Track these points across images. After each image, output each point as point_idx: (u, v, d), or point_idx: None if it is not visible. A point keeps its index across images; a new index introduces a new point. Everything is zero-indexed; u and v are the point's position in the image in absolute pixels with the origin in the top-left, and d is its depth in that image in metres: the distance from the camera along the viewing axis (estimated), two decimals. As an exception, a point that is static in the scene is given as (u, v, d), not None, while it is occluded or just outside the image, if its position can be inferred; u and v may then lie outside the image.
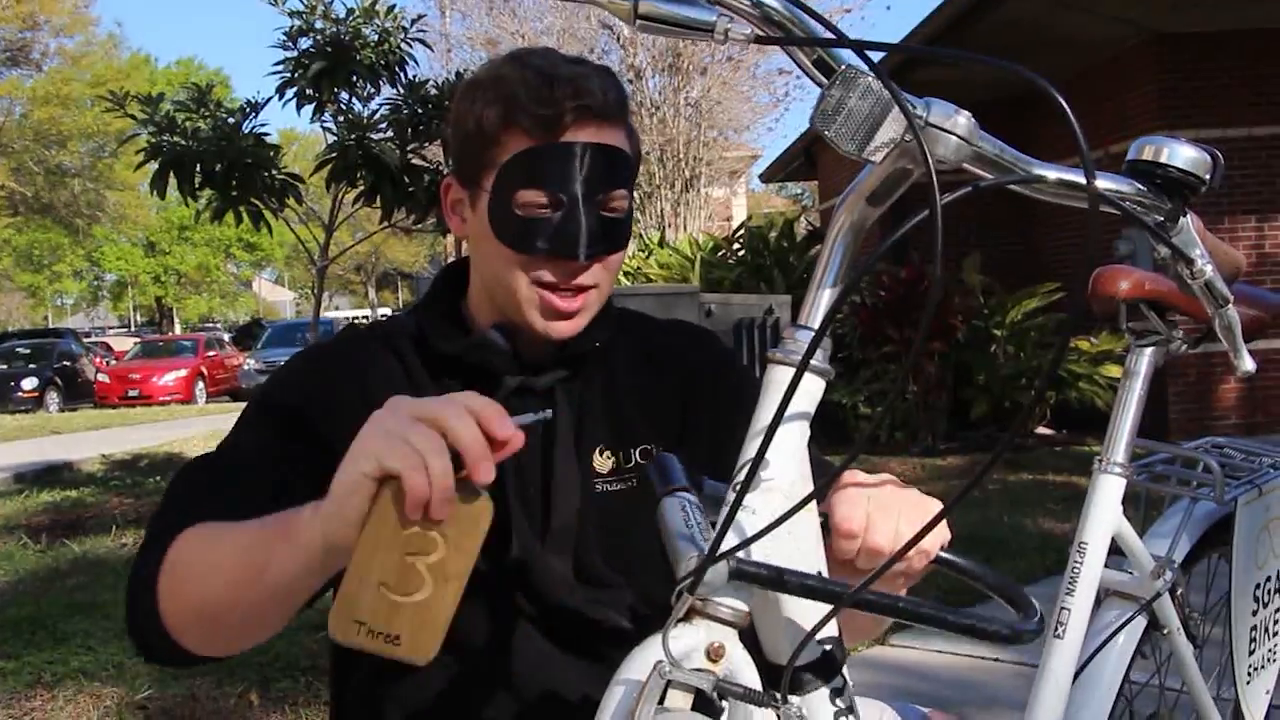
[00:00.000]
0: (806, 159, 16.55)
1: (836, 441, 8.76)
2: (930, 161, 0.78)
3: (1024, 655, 3.56)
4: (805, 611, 0.97)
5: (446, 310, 1.31)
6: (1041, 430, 9.55)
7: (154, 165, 5.57)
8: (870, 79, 0.83)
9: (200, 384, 22.54)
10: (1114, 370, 8.68)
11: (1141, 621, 1.52)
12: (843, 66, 0.83)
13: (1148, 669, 1.67)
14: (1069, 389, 8.88)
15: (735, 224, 16.74)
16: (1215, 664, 1.80)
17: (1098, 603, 1.53)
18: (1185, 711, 1.72)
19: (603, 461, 1.30)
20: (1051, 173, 0.91)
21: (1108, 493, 1.44)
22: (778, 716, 0.90)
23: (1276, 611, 1.73)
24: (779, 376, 0.92)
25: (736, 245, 12.02)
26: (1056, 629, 1.42)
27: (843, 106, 0.84)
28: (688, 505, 1.00)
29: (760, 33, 0.81)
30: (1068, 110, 0.77)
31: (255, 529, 1.01)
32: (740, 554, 0.87)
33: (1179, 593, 1.54)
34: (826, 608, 0.91)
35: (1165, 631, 1.54)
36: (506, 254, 1.20)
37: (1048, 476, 7.33)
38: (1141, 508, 1.63)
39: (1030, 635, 0.90)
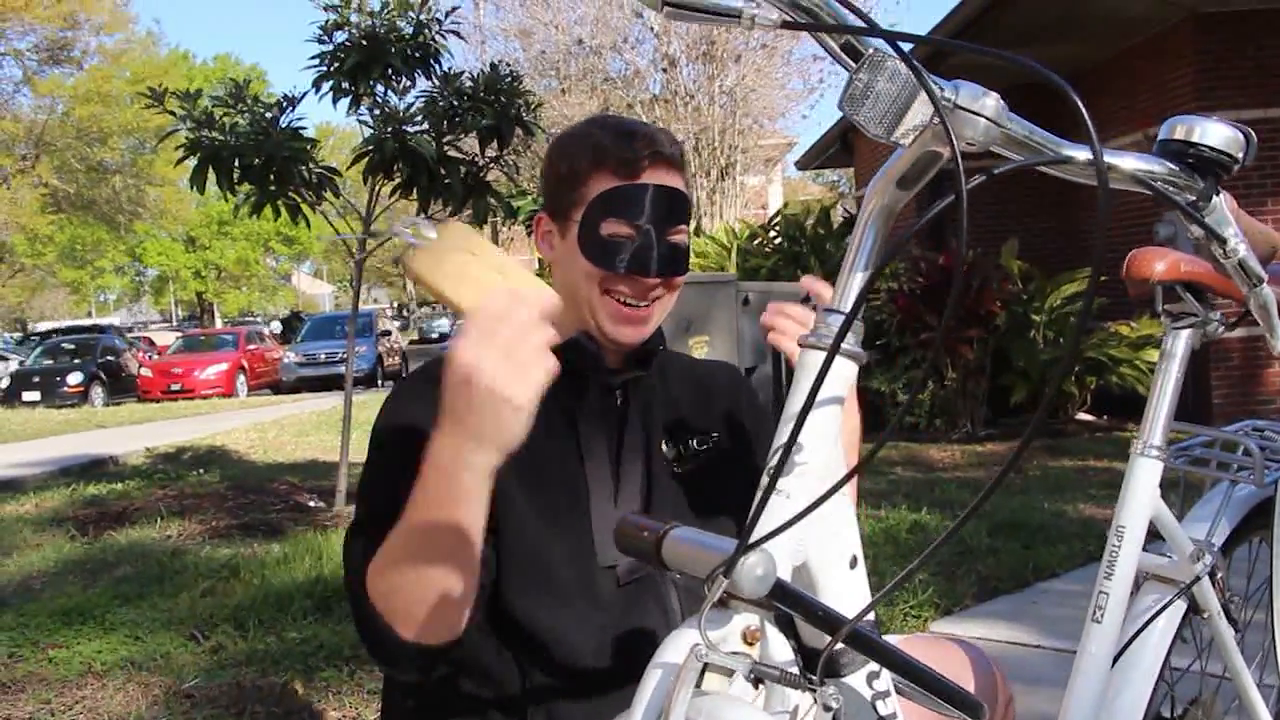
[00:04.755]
0: (843, 145, 16.47)
1: (874, 429, 8.71)
2: (955, 143, 0.79)
3: (1066, 641, 3.54)
4: (840, 598, 0.98)
5: None
6: (1082, 415, 9.48)
7: (193, 161, 5.63)
8: (897, 63, 0.83)
9: (242, 377, 22.76)
10: (1154, 355, 8.57)
11: (1181, 605, 1.51)
12: (870, 51, 0.84)
13: (1188, 654, 1.66)
14: (1109, 374, 8.81)
15: (771, 212, 16.68)
16: (1258, 649, 1.79)
17: (1136, 587, 1.52)
18: (1227, 698, 1.70)
19: (668, 450, 1.52)
20: (1080, 153, 0.91)
21: (1145, 476, 1.44)
22: (813, 700, 0.90)
23: (1319, 595, 1.71)
24: (811, 360, 0.93)
25: (773, 233, 11.99)
26: (1095, 613, 1.42)
27: (870, 90, 0.84)
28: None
29: (788, 18, 0.81)
30: (1075, 96, 0.77)
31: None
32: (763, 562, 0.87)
33: (1219, 576, 1.53)
34: (862, 588, 0.92)
35: (1205, 615, 1.53)
36: (592, 271, 1.44)
37: (1088, 462, 7.28)
38: (1180, 491, 1.62)
39: (983, 714, 0.92)
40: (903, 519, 5.30)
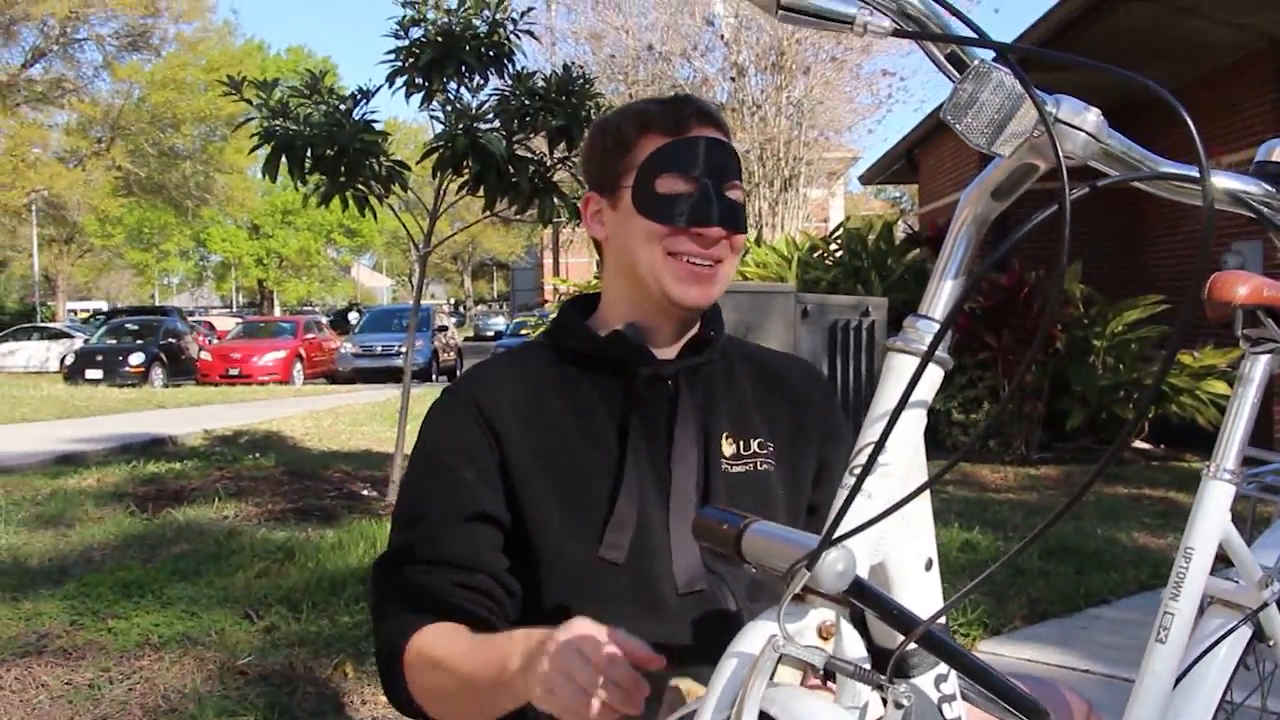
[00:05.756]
0: (908, 162, 16.39)
1: (928, 446, 8.64)
2: (1060, 155, 0.80)
3: (1116, 668, 3.51)
4: (915, 599, 0.99)
5: (576, 325, 1.51)
6: (1140, 444, 9.37)
7: (266, 149, 5.71)
8: (1004, 74, 0.84)
9: (298, 365, 23.02)
10: (1216, 386, 8.48)
11: (1246, 632, 1.50)
12: (976, 61, 0.85)
13: (1250, 682, 1.65)
14: (1169, 404, 8.69)
15: (831, 225, 16.63)
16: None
17: (1201, 611, 1.51)
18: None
19: (728, 445, 1.46)
20: (1181, 170, 0.92)
21: (1216, 499, 1.43)
22: (884, 698, 0.92)
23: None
24: (899, 364, 0.94)
25: (834, 246, 11.95)
26: (1159, 634, 1.41)
27: (975, 100, 0.85)
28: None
29: (898, 26, 0.83)
30: (1185, 114, 0.78)
31: (477, 665, 1.26)
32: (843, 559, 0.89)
33: (1287, 604, 1.52)
34: (936, 591, 0.93)
35: (1271, 644, 1.52)
36: (652, 230, 1.41)
37: (1144, 491, 7.19)
38: (1250, 518, 1.61)
39: None
40: (954, 538, 5.28)
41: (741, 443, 1.47)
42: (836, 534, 0.88)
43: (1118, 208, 10.87)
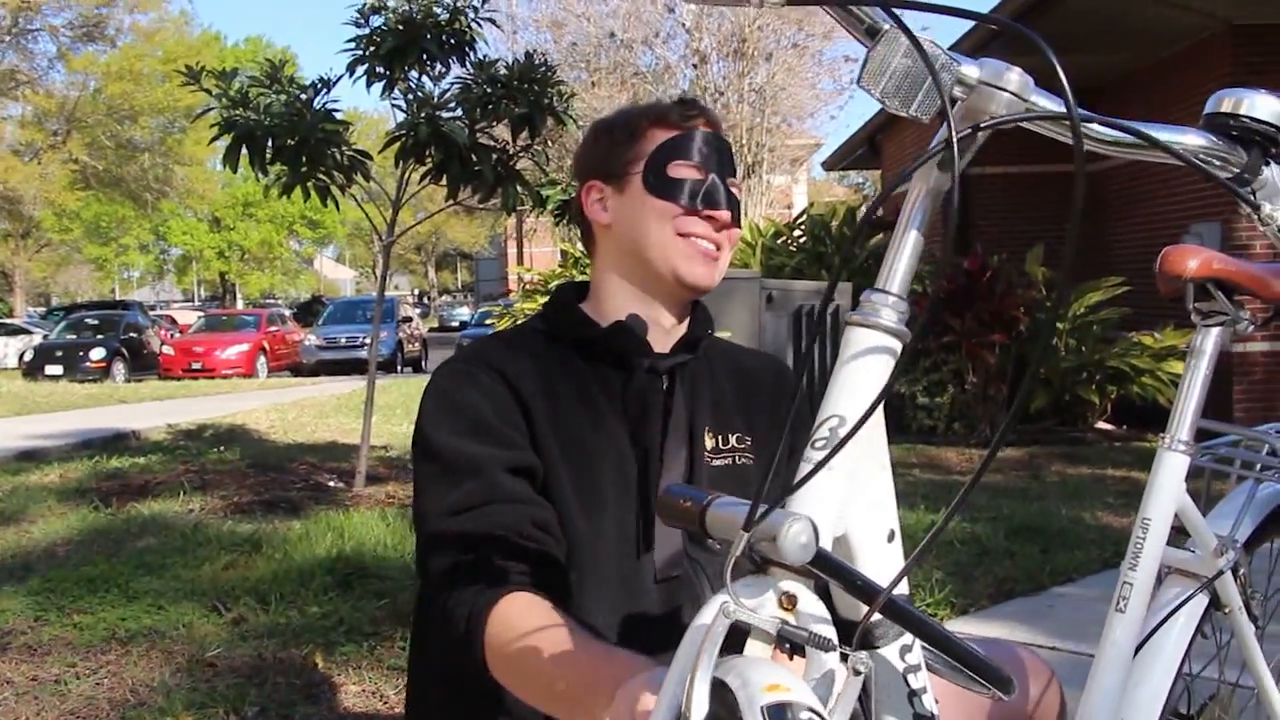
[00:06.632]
0: (870, 148, 16.45)
1: (893, 430, 8.74)
2: (947, 104, 0.81)
3: (1081, 644, 3.56)
4: (878, 570, 1.00)
5: (576, 313, 1.55)
6: (1102, 425, 9.47)
7: (226, 140, 5.67)
8: (920, 38, 0.86)
9: (262, 359, 22.87)
10: (1177, 366, 8.58)
11: (1203, 600, 1.53)
12: (887, 27, 0.86)
13: (1207, 654, 1.68)
14: (1131, 384, 8.80)
15: (795, 212, 16.68)
16: (1271, 658, 1.80)
17: (1159, 581, 1.54)
18: (1244, 696, 1.72)
19: (709, 440, 1.52)
20: (1053, 110, 0.93)
21: (1171, 470, 1.45)
22: (846, 667, 0.93)
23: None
24: (857, 338, 0.96)
25: (798, 232, 11.99)
26: (1119, 604, 1.44)
27: (887, 65, 0.86)
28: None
29: (794, -4, 0.84)
30: (1052, 55, 0.79)
31: (565, 671, 1.19)
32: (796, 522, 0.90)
33: (1241, 572, 1.55)
34: (899, 563, 0.95)
35: (1227, 611, 1.55)
36: (666, 209, 1.47)
37: (1107, 471, 7.28)
38: (1205, 489, 1.63)
39: (1012, 689, 0.94)
40: (920, 520, 5.32)
41: (721, 437, 1.53)
42: (790, 505, 0.89)
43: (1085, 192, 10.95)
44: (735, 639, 0.89)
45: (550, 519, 1.38)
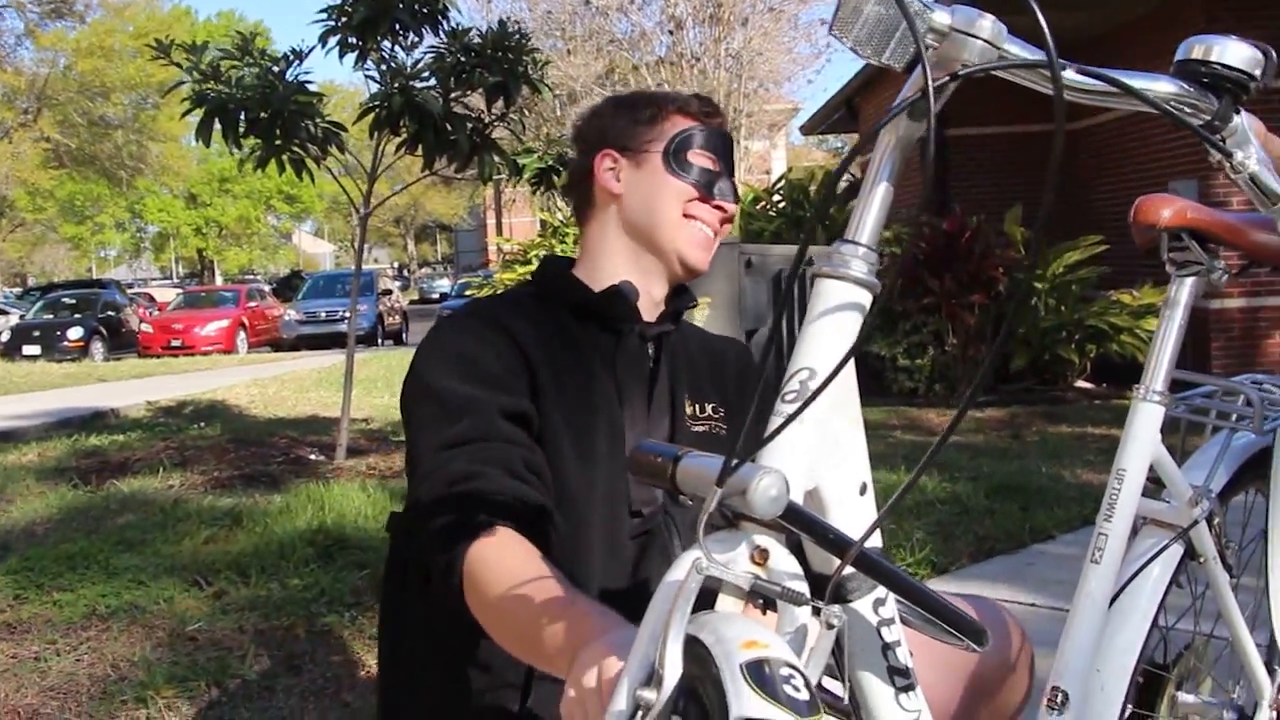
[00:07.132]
0: (848, 111, 16.39)
1: (873, 393, 8.76)
2: (922, 47, 0.80)
3: (1061, 601, 3.58)
4: (850, 524, 1.00)
5: (568, 278, 1.60)
6: (1082, 383, 9.51)
7: (199, 114, 5.61)
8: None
9: (242, 334, 22.78)
10: (1155, 324, 8.61)
11: (1178, 550, 1.53)
12: None
13: (1184, 600, 1.68)
14: (1110, 342, 8.83)
15: (774, 177, 16.65)
16: (1245, 609, 1.81)
17: (1135, 532, 1.54)
18: (1218, 646, 1.73)
19: (689, 407, 1.59)
20: (1032, 58, 0.92)
21: (1147, 420, 1.46)
22: (819, 621, 0.93)
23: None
24: (827, 289, 0.95)
25: (776, 197, 11.97)
26: (1094, 555, 1.44)
27: (860, 12, 0.85)
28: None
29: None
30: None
31: (535, 619, 1.17)
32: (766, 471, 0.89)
33: (1216, 522, 1.55)
34: (871, 516, 0.94)
35: (1202, 560, 1.56)
36: (683, 189, 1.54)
37: (1086, 429, 7.31)
38: (1181, 439, 1.64)
39: (986, 640, 0.94)
40: (900, 480, 5.33)
41: (699, 405, 1.60)
42: (763, 458, 0.88)
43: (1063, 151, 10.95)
44: (706, 595, 0.89)
45: (542, 465, 1.41)
